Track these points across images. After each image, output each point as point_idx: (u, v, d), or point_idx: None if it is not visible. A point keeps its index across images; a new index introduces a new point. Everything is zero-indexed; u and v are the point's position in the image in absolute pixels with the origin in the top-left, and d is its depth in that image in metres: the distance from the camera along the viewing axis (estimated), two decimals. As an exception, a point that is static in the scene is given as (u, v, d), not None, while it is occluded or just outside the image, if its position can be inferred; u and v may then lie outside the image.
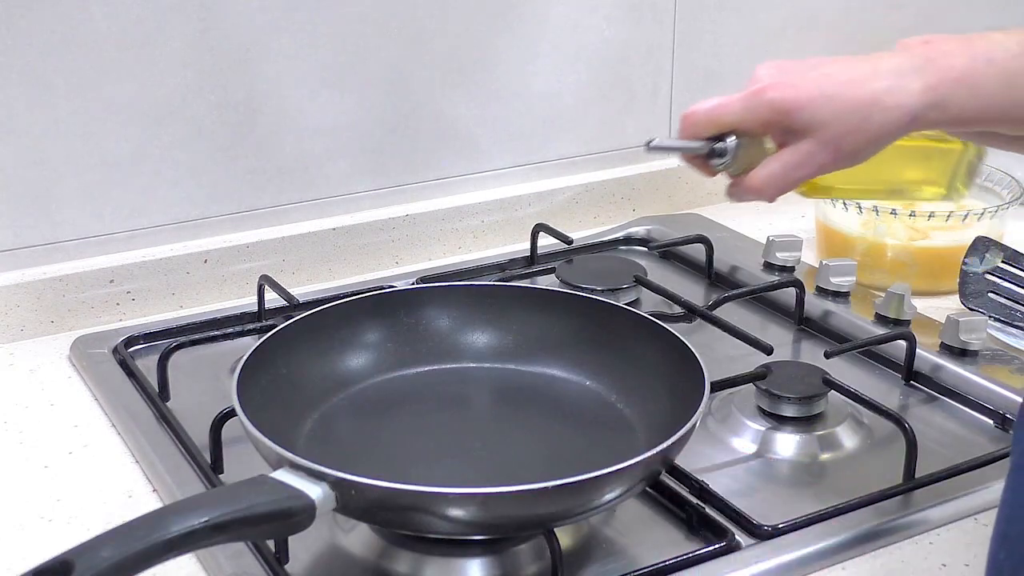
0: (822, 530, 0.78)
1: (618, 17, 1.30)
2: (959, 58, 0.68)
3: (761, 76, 0.72)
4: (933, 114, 0.69)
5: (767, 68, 0.72)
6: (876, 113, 0.69)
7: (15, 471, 0.87)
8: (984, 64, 0.68)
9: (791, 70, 0.71)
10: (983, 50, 0.68)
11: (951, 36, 0.70)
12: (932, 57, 0.69)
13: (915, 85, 0.68)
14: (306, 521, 0.66)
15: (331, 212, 1.21)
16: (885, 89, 0.69)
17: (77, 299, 1.09)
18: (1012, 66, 0.68)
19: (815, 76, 0.70)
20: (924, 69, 0.68)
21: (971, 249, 1.10)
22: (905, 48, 0.71)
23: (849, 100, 0.69)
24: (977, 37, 0.69)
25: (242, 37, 1.11)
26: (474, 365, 0.92)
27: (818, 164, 0.72)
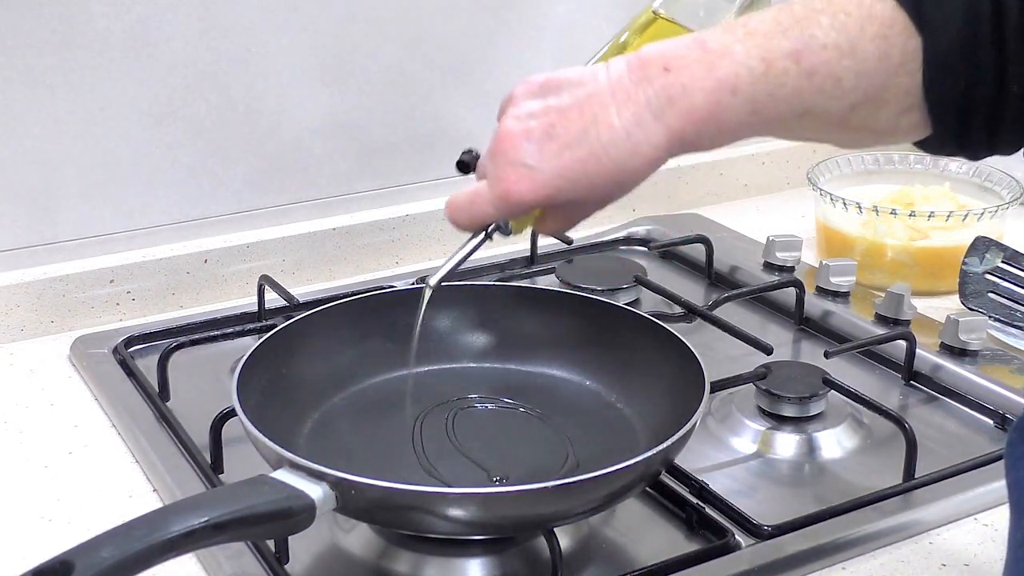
0: (822, 530, 0.78)
1: (618, 17, 1.30)
2: (701, 94, 0.62)
3: (497, 163, 0.67)
4: (679, 150, 0.65)
5: (498, 149, 0.68)
6: (623, 176, 0.66)
7: (15, 471, 0.87)
8: (728, 95, 0.62)
9: (523, 149, 0.66)
10: (726, 76, 0.62)
11: (692, 48, 0.63)
12: (673, 96, 0.63)
13: (658, 136, 0.64)
14: (306, 521, 0.66)
15: (331, 212, 1.21)
16: (628, 152, 0.64)
17: (77, 299, 1.09)
18: (755, 92, 0.62)
19: (553, 157, 0.65)
20: (665, 112, 0.63)
21: (971, 249, 1.10)
22: (643, 74, 0.64)
23: (593, 176, 0.65)
24: (721, 54, 0.62)
25: (242, 37, 1.11)
26: (474, 365, 0.92)
27: (584, 217, 0.70)
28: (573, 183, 0.66)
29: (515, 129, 0.67)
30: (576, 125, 0.65)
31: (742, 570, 0.74)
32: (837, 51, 0.60)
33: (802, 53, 0.61)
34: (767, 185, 1.43)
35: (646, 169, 0.65)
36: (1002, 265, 1.09)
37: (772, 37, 0.62)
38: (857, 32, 0.60)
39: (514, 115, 0.68)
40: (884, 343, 1.01)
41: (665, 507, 0.81)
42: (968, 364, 0.98)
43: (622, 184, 0.66)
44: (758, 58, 0.61)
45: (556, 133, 0.66)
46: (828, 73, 0.61)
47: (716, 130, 0.64)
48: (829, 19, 0.61)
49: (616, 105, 0.64)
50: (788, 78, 0.61)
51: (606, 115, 0.65)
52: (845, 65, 0.60)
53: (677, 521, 0.80)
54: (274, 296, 1.06)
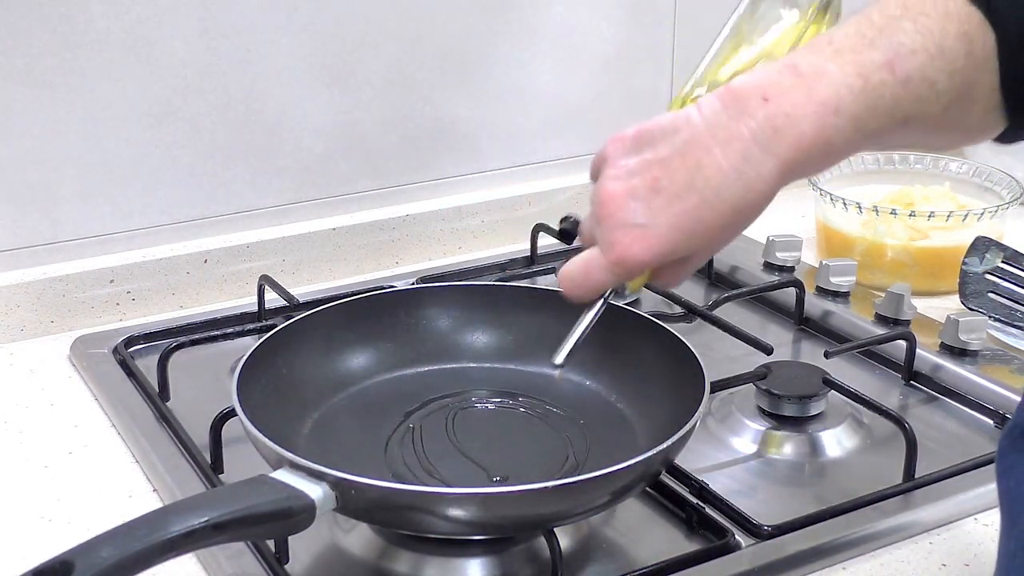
0: (822, 530, 0.78)
1: (618, 17, 1.30)
2: (806, 120, 0.60)
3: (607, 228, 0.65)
4: (791, 179, 0.63)
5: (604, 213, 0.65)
6: (739, 216, 0.63)
7: (15, 471, 0.87)
8: (832, 117, 0.60)
9: (631, 208, 0.64)
10: (828, 98, 0.60)
11: (784, 74, 0.62)
12: (778, 127, 0.61)
13: (768, 168, 0.61)
14: (306, 521, 0.66)
15: (331, 212, 1.21)
16: (741, 191, 0.62)
17: (77, 299, 1.09)
18: (857, 109, 0.60)
19: (663, 211, 0.63)
20: (772, 143, 0.61)
21: (971, 249, 1.10)
22: (741, 108, 0.62)
23: (709, 224, 0.63)
24: (816, 76, 0.61)
25: (242, 37, 1.11)
26: (474, 365, 0.92)
27: (701, 263, 0.69)
28: (689, 234, 0.64)
29: (618, 189, 0.64)
30: (681, 174, 0.63)
31: (742, 570, 0.74)
32: (927, 54, 0.60)
33: (895, 62, 0.60)
34: (767, 185, 1.43)
35: (761, 205, 0.63)
36: (1002, 265, 1.09)
37: (861, 51, 0.61)
38: (940, 33, 0.60)
39: (613, 175, 0.65)
40: (884, 343, 1.01)
41: (665, 507, 0.81)
42: (968, 364, 0.98)
43: (737, 225, 0.64)
44: (854, 74, 0.60)
45: (662, 186, 0.63)
46: (922, 77, 0.60)
47: (825, 153, 0.62)
48: (911, 23, 0.60)
49: (720, 146, 0.62)
50: (886, 89, 0.60)
51: (711, 157, 0.62)
52: (937, 67, 0.60)
53: (677, 521, 0.80)
54: (274, 296, 1.06)
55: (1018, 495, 0.52)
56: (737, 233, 0.65)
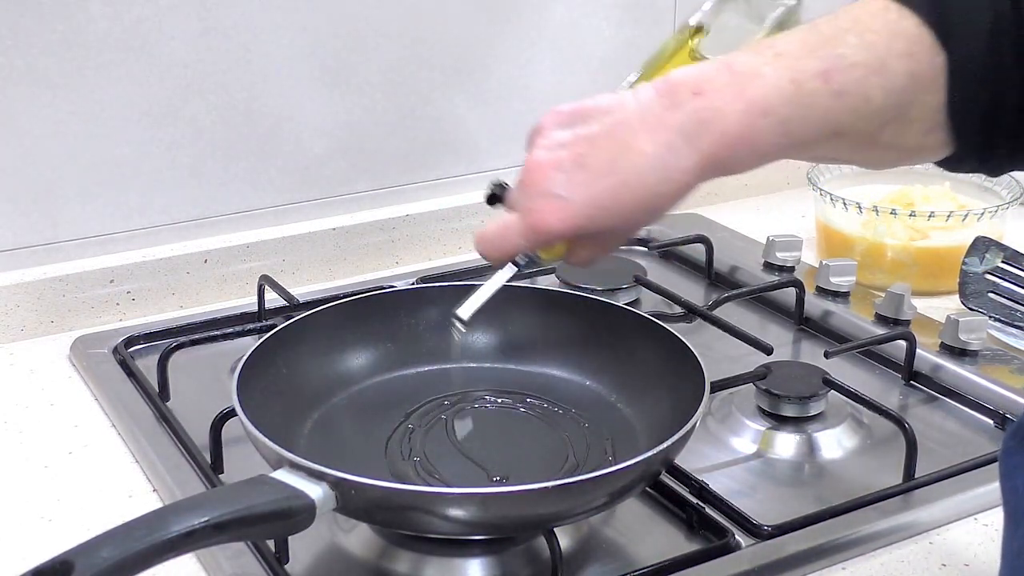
0: (822, 530, 0.78)
1: (618, 17, 1.30)
2: (732, 116, 0.61)
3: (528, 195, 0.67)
4: (711, 175, 0.64)
5: (528, 180, 0.67)
6: (655, 202, 0.65)
7: (15, 471, 0.87)
8: (760, 118, 0.61)
9: (553, 179, 0.65)
10: (757, 99, 0.61)
11: (720, 72, 0.62)
12: (704, 119, 0.62)
13: (689, 160, 0.62)
14: (306, 521, 0.66)
15: (331, 212, 1.21)
16: (660, 178, 0.63)
17: (77, 299, 1.09)
18: (787, 113, 0.61)
19: (584, 186, 0.64)
20: (697, 136, 0.62)
21: (971, 249, 1.10)
22: (673, 99, 0.63)
23: (626, 204, 0.64)
24: (750, 77, 0.61)
25: (242, 37, 1.11)
26: (474, 365, 0.92)
27: (616, 246, 0.70)
28: (605, 212, 0.65)
29: (545, 159, 0.66)
30: (606, 153, 0.64)
31: (742, 570, 0.74)
32: (866, 69, 0.60)
33: (831, 72, 0.60)
34: (767, 185, 1.43)
35: (678, 195, 0.64)
36: (1002, 265, 1.09)
37: (800, 58, 0.61)
38: (884, 50, 0.60)
39: (543, 145, 0.67)
40: (884, 343, 1.01)
41: (665, 507, 0.81)
42: (968, 364, 0.98)
43: (654, 211, 0.65)
44: (788, 79, 0.61)
45: (586, 162, 0.65)
46: (858, 92, 0.60)
47: (748, 153, 0.63)
48: (856, 38, 0.60)
49: (646, 131, 0.63)
50: (819, 98, 0.60)
51: (636, 142, 0.64)
52: (874, 83, 0.60)
53: (677, 521, 0.80)
54: (274, 296, 1.06)
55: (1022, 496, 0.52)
56: (653, 219, 0.67)
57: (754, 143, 0.62)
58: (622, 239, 0.70)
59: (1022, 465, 0.53)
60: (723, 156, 0.63)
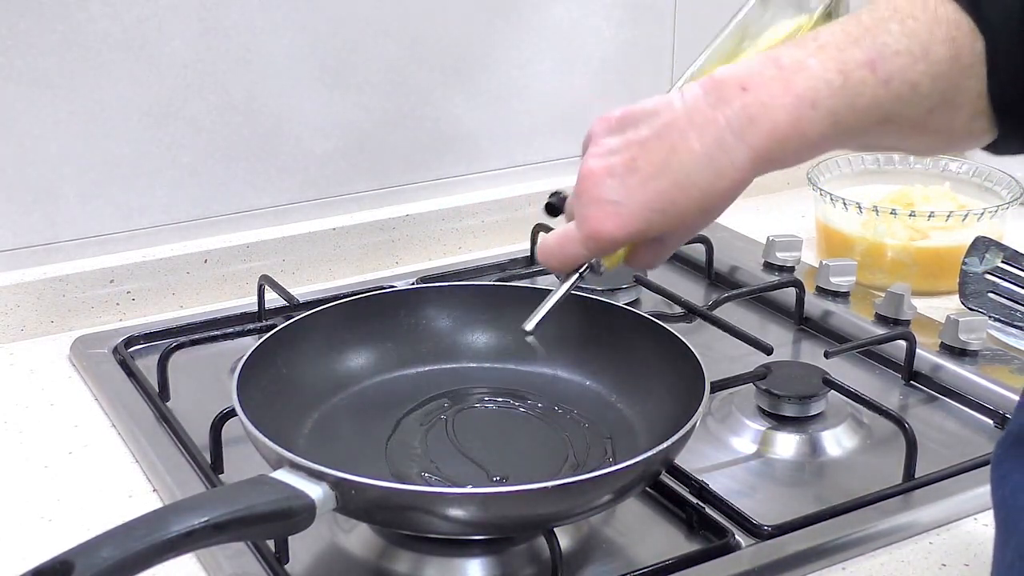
0: (822, 530, 0.78)
1: (618, 17, 1.30)
2: (782, 110, 0.62)
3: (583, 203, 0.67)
4: (764, 169, 0.64)
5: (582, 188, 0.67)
6: (710, 201, 0.65)
7: (15, 471, 0.87)
8: (809, 110, 0.62)
9: (607, 185, 0.66)
10: (805, 91, 0.61)
11: (766, 66, 0.63)
12: (753, 115, 0.62)
13: (741, 156, 0.63)
14: (306, 521, 0.66)
15: (331, 212, 1.21)
16: (712, 176, 0.64)
17: (77, 299, 1.09)
18: (835, 104, 0.61)
19: (638, 190, 0.65)
20: (747, 132, 0.62)
21: (971, 249, 1.10)
22: (720, 96, 0.63)
23: (681, 206, 0.65)
24: (796, 70, 0.62)
25: (242, 37, 1.11)
26: (474, 365, 0.92)
27: (675, 247, 0.71)
28: (661, 214, 0.65)
29: (597, 167, 0.67)
30: (657, 156, 0.65)
31: (742, 570, 0.74)
32: (910, 56, 0.60)
33: (876, 61, 0.61)
34: (767, 185, 1.43)
35: (732, 192, 0.65)
36: (1002, 265, 1.09)
37: (844, 48, 0.62)
38: (927, 36, 0.60)
39: (595, 153, 0.67)
40: (884, 343, 1.01)
41: (665, 507, 0.81)
42: (968, 364, 0.98)
43: (709, 210, 0.66)
44: (835, 70, 0.61)
45: (638, 166, 0.65)
46: (904, 79, 0.61)
47: (799, 145, 0.63)
48: (898, 25, 0.61)
49: (695, 130, 0.64)
50: (866, 87, 0.61)
51: (686, 142, 0.64)
52: (920, 70, 0.60)
53: (677, 521, 0.80)
54: (274, 296, 1.06)
55: (1013, 506, 0.52)
56: (710, 218, 0.67)
57: (804, 135, 0.62)
58: (681, 240, 0.70)
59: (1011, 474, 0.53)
60: (774, 149, 0.63)
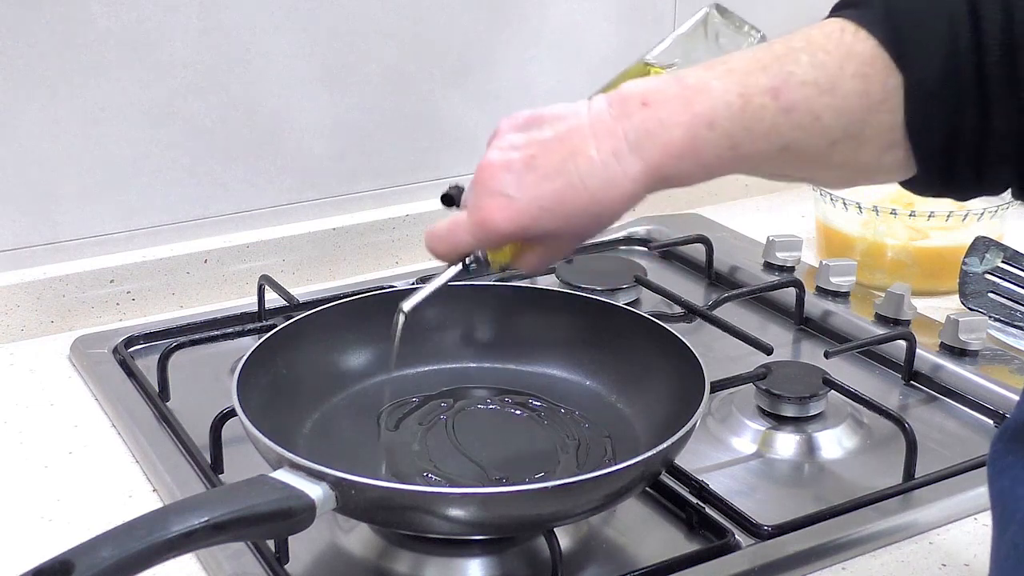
0: (822, 530, 0.78)
1: (618, 17, 1.30)
2: (678, 128, 0.63)
3: (477, 193, 0.68)
4: (657, 186, 0.65)
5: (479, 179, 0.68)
6: (599, 207, 0.66)
7: (15, 471, 0.87)
8: (705, 130, 0.62)
9: (503, 179, 0.67)
10: (704, 111, 0.62)
11: (671, 84, 0.64)
12: (650, 130, 0.63)
13: (634, 168, 0.64)
14: (306, 521, 0.66)
15: (331, 212, 1.21)
16: (604, 184, 0.65)
17: (77, 299, 1.09)
18: (733, 127, 0.62)
19: (531, 187, 0.66)
20: (642, 146, 0.63)
21: (971, 249, 1.10)
22: (623, 110, 0.65)
23: (570, 207, 0.66)
24: (698, 90, 0.63)
25: (242, 37, 1.11)
26: (474, 365, 0.92)
27: (563, 254, 0.72)
28: (549, 212, 0.66)
29: (497, 160, 0.68)
30: (556, 157, 0.66)
31: (742, 570, 0.74)
32: (816, 88, 0.61)
33: (780, 89, 0.61)
34: (767, 185, 1.43)
35: (622, 202, 0.66)
36: (1002, 265, 1.09)
37: (751, 74, 0.62)
38: (836, 70, 0.61)
39: (497, 146, 0.69)
40: (884, 343, 1.01)
41: (665, 507, 0.81)
42: (968, 364, 0.98)
43: (598, 216, 0.67)
44: (736, 94, 0.62)
45: (536, 164, 0.66)
46: (807, 109, 0.61)
47: (693, 164, 0.64)
48: (808, 57, 0.62)
49: (595, 139, 0.65)
50: (766, 113, 0.62)
51: (585, 147, 0.65)
52: (824, 102, 0.61)
53: (677, 521, 0.80)
54: (274, 296, 1.06)
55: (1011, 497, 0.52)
56: (598, 227, 0.68)
57: (698, 155, 0.63)
58: (569, 245, 0.71)
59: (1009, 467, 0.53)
60: (668, 166, 0.64)
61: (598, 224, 0.68)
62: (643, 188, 0.65)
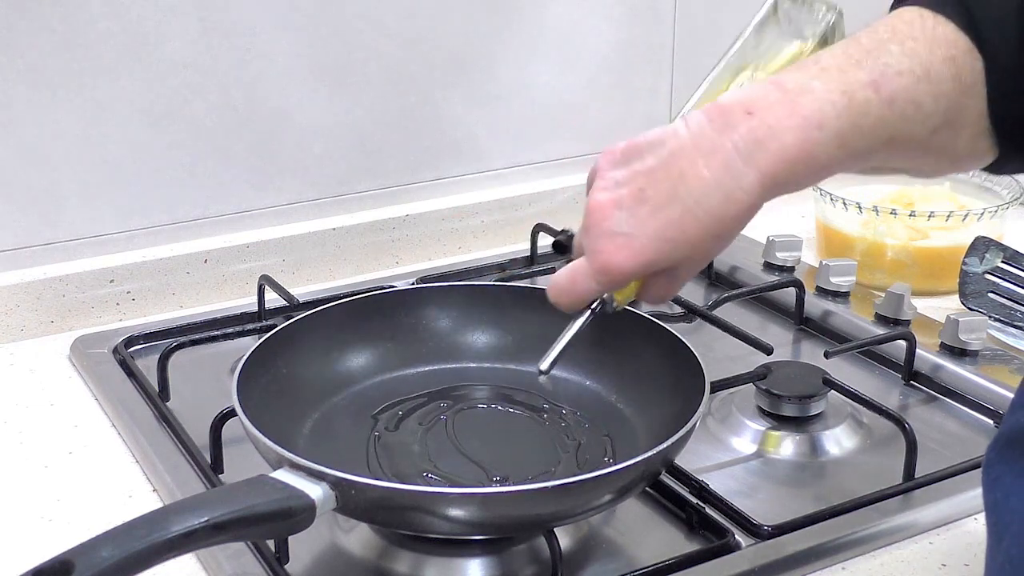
0: (822, 530, 0.78)
1: (618, 17, 1.30)
2: (789, 133, 0.62)
3: (593, 236, 0.66)
4: (773, 194, 0.64)
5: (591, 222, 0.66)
6: (721, 227, 0.64)
7: (15, 471, 0.87)
8: (816, 132, 0.61)
9: (616, 218, 0.65)
10: (811, 113, 0.61)
11: (770, 90, 0.63)
12: (760, 138, 0.62)
13: (750, 180, 0.62)
14: (306, 521, 0.66)
15: (331, 212, 1.21)
16: (722, 202, 0.63)
17: (77, 299, 1.09)
18: (841, 125, 0.61)
19: (647, 220, 0.64)
20: (754, 156, 0.62)
21: (971, 249, 1.10)
22: (726, 122, 0.63)
23: (692, 233, 0.64)
24: (800, 92, 0.62)
25: (242, 37, 1.11)
26: (474, 365, 0.92)
27: (689, 277, 0.70)
28: (672, 243, 0.65)
29: (605, 199, 0.66)
30: (665, 185, 0.64)
31: (742, 570, 0.74)
32: (913, 76, 0.61)
33: (880, 82, 0.61)
34: (767, 185, 1.43)
35: (743, 217, 0.64)
36: (1002, 265, 1.09)
37: (847, 70, 0.62)
38: (927, 56, 0.61)
39: (601, 187, 0.67)
40: (884, 343, 1.01)
41: (665, 507, 0.81)
42: (968, 364, 0.98)
43: (720, 236, 0.65)
44: (838, 92, 0.61)
45: (647, 196, 0.65)
46: (908, 99, 0.61)
47: (806, 167, 0.63)
48: (898, 46, 0.61)
49: (703, 157, 0.63)
50: (870, 107, 0.61)
51: (694, 168, 0.63)
52: (922, 89, 0.61)
53: (677, 521, 0.80)
54: (274, 296, 1.06)
55: (1005, 508, 0.52)
56: (721, 246, 0.66)
57: (811, 157, 0.62)
58: (694, 270, 0.69)
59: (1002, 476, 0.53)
60: (783, 172, 0.62)
61: (721, 243, 0.66)
62: (760, 198, 0.64)
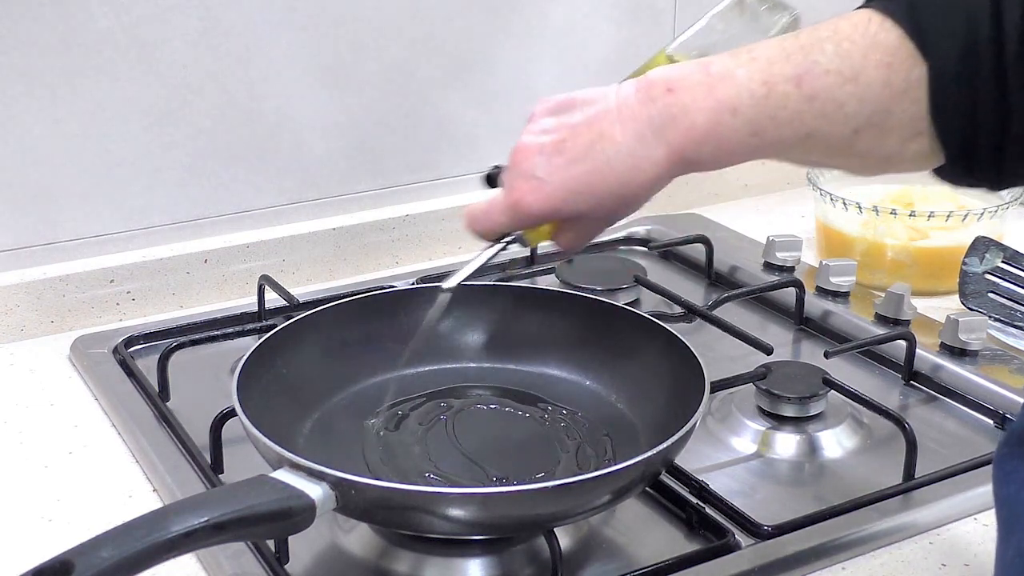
0: (822, 530, 0.78)
1: (618, 17, 1.30)
2: (701, 113, 0.65)
3: (512, 175, 0.71)
4: (681, 169, 0.68)
5: (513, 162, 0.71)
6: (625, 190, 0.68)
7: (15, 471, 0.87)
8: (728, 116, 0.64)
9: (534, 162, 0.70)
10: (727, 98, 0.64)
11: (696, 71, 0.66)
12: (674, 115, 0.66)
13: (659, 152, 0.66)
14: (306, 521, 0.66)
15: (331, 212, 1.21)
16: (630, 167, 0.67)
17: (77, 299, 1.09)
18: (756, 114, 0.64)
19: (560, 170, 0.69)
20: (665, 130, 0.66)
21: (971, 249, 1.10)
22: (649, 95, 0.67)
23: (598, 190, 0.69)
24: (723, 77, 0.65)
25: (242, 37, 1.11)
26: (474, 365, 0.92)
27: (597, 232, 0.74)
28: (578, 195, 0.69)
29: (530, 143, 0.71)
30: (584, 140, 0.68)
31: (742, 570, 0.74)
32: (839, 77, 0.62)
33: (803, 78, 0.63)
34: (767, 185, 1.43)
35: (648, 185, 0.68)
36: (1002, 265, 1.09)
37: (775, 62, 0.64)
38: (860, 59, 0.62)
39: (531, 130, 0.71)
40: (884, 343, 1.01)
41: (665, 507, 0.81)
42: (968, 364, 0.98)
43: (625, 199, 0.69)
44: (759, 81, 0.64)
45: (565, 148, 0.69)
46: (829, 98, 0.63)
47: (716, 149, 0.66)
48: (833, 46, 0.63)
49: (621, 123, 0.67)
50: (789, 101, 0.63)
51: (611, 131, 0.68)
52: (847, 91, 0.62)
53: (677, 521, 0.80)
54: (274, 296, 1.06)
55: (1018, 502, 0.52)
56: (626, 209, 0.71)
57: (720, 139, 0.65)
58: (601, 225, 0.73)
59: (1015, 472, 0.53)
60: (690, 151, 0.66)
61: (626, 206, 0.70)
62: (667, 172, 0.67)
